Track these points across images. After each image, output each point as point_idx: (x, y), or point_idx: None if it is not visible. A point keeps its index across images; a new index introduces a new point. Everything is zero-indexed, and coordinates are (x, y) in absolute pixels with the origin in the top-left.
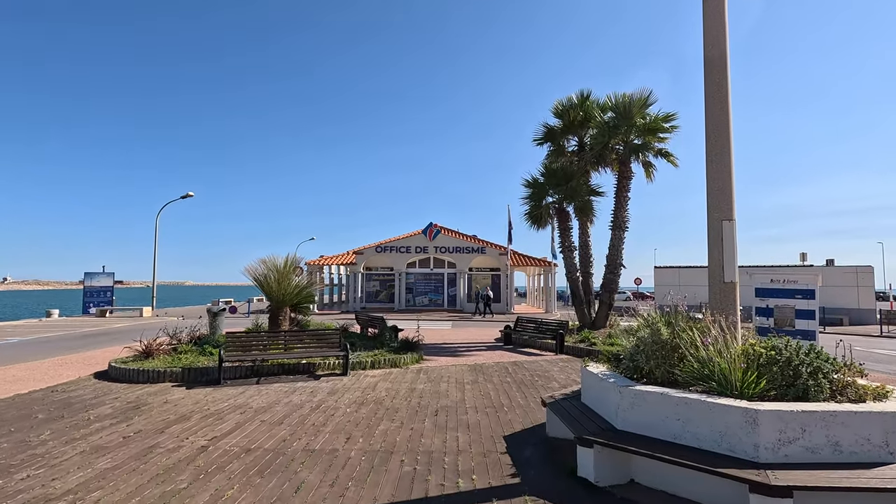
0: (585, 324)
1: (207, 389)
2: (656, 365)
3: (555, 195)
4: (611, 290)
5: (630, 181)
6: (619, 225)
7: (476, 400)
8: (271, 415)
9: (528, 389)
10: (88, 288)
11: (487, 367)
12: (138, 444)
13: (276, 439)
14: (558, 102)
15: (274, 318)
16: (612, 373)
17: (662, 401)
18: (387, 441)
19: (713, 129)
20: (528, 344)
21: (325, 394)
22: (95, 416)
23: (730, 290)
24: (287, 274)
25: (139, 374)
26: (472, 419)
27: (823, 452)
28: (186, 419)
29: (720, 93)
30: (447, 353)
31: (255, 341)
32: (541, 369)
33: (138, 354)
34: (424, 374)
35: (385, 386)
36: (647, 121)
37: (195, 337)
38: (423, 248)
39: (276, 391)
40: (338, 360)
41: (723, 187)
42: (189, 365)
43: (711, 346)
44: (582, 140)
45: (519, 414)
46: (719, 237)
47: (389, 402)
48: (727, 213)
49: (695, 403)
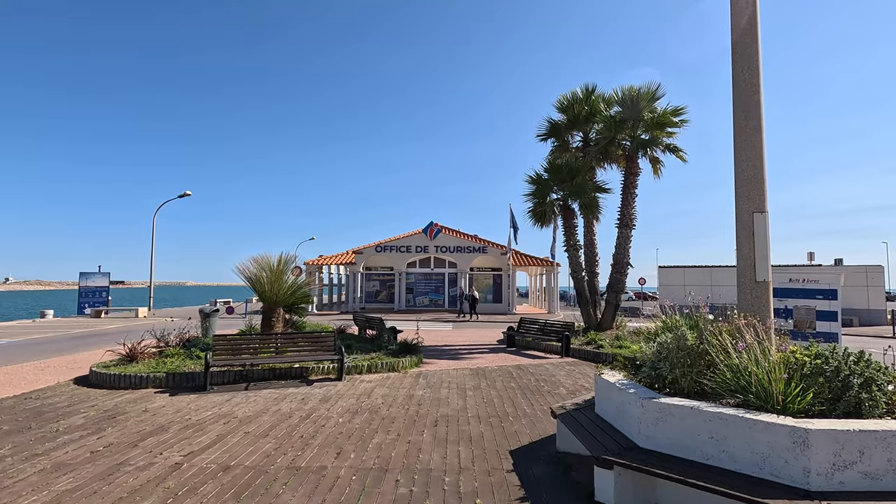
0: (591, 325)
1: (192, 396)
2: (682, 374)
3: (559, 192)
4: (617, 291)
5: (637, 177)
6: (626, 223)
7: (479, 408)
8: (257, 425)
9: (535, 396)
10: (83, 288)
11: (490, 371)
12: (106, 460)
13: (260, 454)
14: (563, 97)
15: (267, 319)
16: (631, 382)
17: (693, 416)
18: (381, 456)
19: (742, 110)
20: (532, 346)
21: (317, 401)
22: (65, 428)
23: (762, 289)
24: (280, 273)
25: (120, 379)
26: (475, 430)
27: (885, 479)
28: (164, 430)
29: (750, 67)
30: (448, 356)
31: (246, 344)
32: (546, 374)
33: (122, 358)
34: (424, 378)
35: (382, 392)
36: (655, 115)
37: (184, 339)
38: (423, 248)
39: (266, 398)
40: (332, 364)
41: (754, 176)
42: (174, 370)
43: (746, 353)
44: (587, 135)
45: (525, 424)
46: (750, 231)
47: (386, 411)
48: (759, 203)
49: (732, 420)
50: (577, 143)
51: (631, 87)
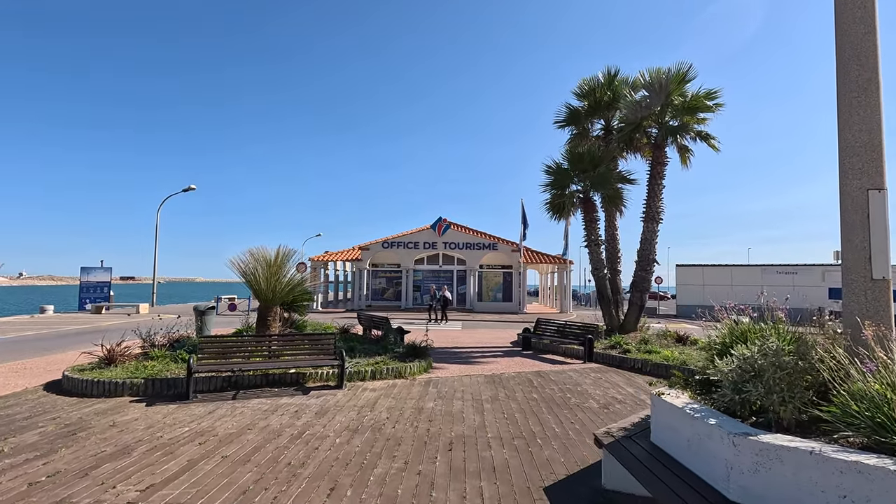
0: (613, 327)
1: (170, 407)
2: (780, 400)
3: (580, 183)
4: (642, 290)
5: (665, 167)
6: (653, 216)
7: (499, 426)
8: (238, 446)
9: (562, 410)
10: (85, 283)
11: (507, 378)
12: (43, 497)
13: (234, 490)
14: (583, 81)
15: (262, 318)
16: (707, 409)
17: (814, 464)
18: (385, 495)
19: (850, 56)
20: (549, 349)
21: (312, 414)
22: (12, 448)
23: (881, 290)
24: (278, 268)
25: (93, 385)
26: (499, 457)
27: None
28: (126, 454)
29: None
30: (459, 359)
31: (237, 346)
32: (571, 382)
33: (101, 361)
34: (434, 387)
35: (387, 404)
36: (686, 99)
37: (173, 339)
38: (431, 244)
39: (254, 410)
40: (332, 369)
41: (868, 142)
42: (154, 375)
43: (879, 375)
44: (609, 123)
45: (558, 449)
46: (863, 214)
47: (391, 429)
48: (875, 179)
49: (878, 474)
50: (597, 132)
51: (658, 68)
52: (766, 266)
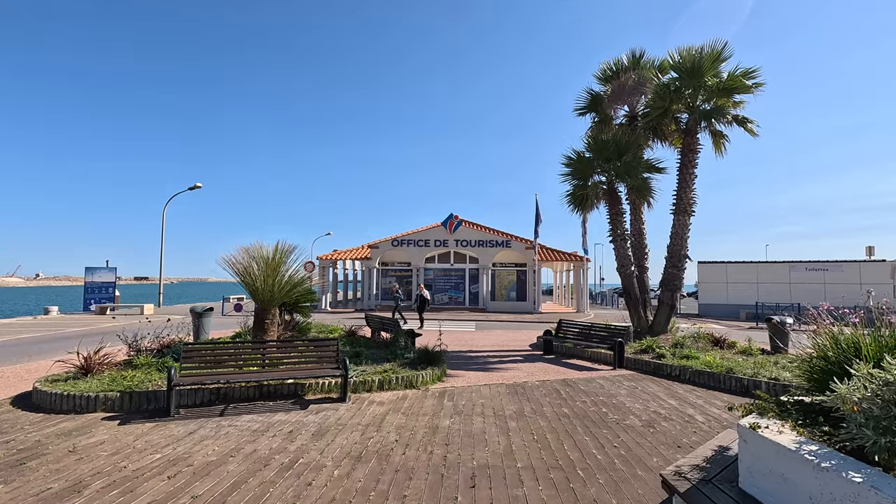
0: (642, 329)
1: (146, 426)
2: None
3: (604, 173)
4: (673, 289)
5: (697, 155)
6: (684, 208)
7: (530, 451)
8: (214, 482)
9: (600, 430)
10: (90, 284)
11: (531, 388)
12: None
13: None
14: (605, 65)
15: (259, 322)
16: (833, 452)
17: None
18: None
19: None
20: (573, 353)
21: (308, 435)
22: None
23: None
24: (277, 266)
25: (63, 400)
26: (534, 498)
27: None
28: (76, 492)
29: None
30: (475, 365)
31: (227, 354)
32: (604, 393)
33: (77, 370)
34: (450, 399)
35: (396, 421)
36: (721, 80)
37: (163, 344)
38: (442, 242)
39: (241, 431)
40: (334, 379)
41: None
42: (133, 387)
43: None
44: (633, 109)
45: (605, 485)
46: None
47: (401, 455)
48: None
49: None
50: (620, 119)
51: (690, 47)
52: (795, 262)
